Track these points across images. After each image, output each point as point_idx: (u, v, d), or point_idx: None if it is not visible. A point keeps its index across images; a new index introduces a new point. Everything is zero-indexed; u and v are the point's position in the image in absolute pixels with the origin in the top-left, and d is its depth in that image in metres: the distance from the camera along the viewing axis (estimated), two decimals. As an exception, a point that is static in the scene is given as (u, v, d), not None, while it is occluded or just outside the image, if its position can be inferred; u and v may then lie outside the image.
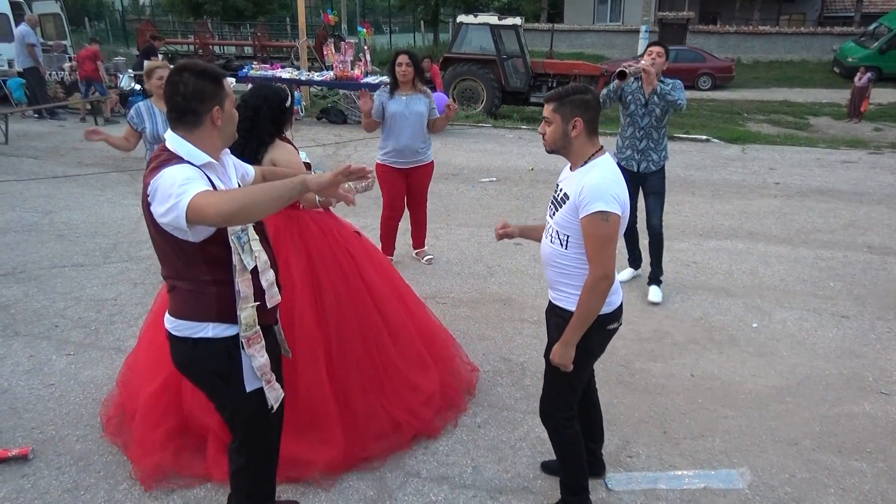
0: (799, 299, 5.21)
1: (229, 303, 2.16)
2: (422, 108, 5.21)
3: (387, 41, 32.43)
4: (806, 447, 3.39)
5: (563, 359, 2.57)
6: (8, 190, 7.89)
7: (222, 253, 2.11)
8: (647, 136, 4.91)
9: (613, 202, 2.42)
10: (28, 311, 4.75)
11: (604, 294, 2.48)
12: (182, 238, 2.03)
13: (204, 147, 2.10)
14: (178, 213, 1.90)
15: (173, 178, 1.94)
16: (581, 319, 2.50)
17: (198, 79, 2.07)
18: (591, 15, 31.70)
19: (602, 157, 2.55)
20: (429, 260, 5.81)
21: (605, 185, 2.43)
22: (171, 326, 2.21)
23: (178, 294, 2.18)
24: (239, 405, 2.30)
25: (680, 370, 4.13)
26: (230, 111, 2.16)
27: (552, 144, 2.58)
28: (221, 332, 2.17)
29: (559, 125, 2.52)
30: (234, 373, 2.22)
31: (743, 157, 10.69)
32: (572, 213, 2.49)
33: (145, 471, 2.99)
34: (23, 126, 11.94)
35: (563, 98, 2.51)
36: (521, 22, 14.78)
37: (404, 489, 3.03)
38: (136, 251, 5.99)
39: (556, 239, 2.60)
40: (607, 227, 2.41)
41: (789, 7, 32.40)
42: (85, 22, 32.58)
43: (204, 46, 18.78)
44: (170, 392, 3.09)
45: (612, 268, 2.47)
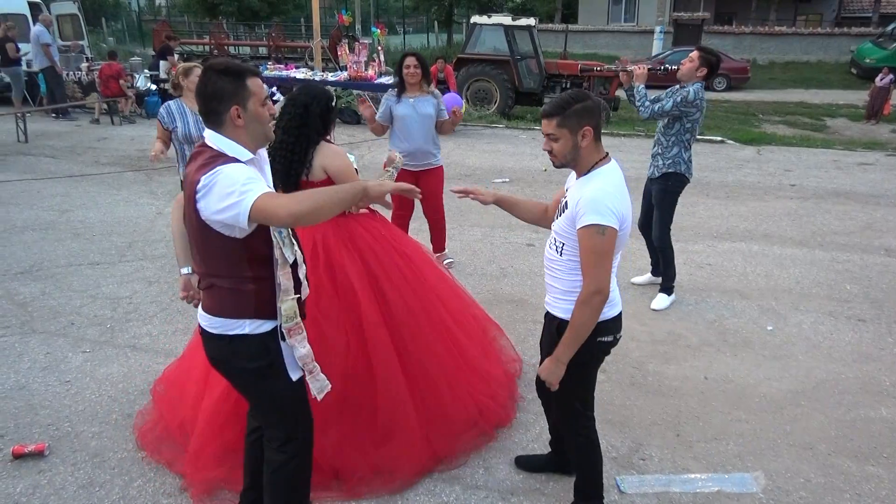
0: (815, 302, 5.16)
1: (266, 299, 2.17)
2: (430, 109, 5.17)
3: (400, 42, 32.47)
4: (821, 452, 3.36)
5: (550, 376, 2.50)
6: (26, 188, 7.98)
7: (264, 248, 2.14)
8: (657, 141, 4.84)
9: (610, 215, 2.32)
10: (45, 309, 4.80)
11: (597, 309, 2.39)
12: (228, 234, 2.05)
13: (241, 143, 2.12)
14: (239, 211, 1.93)
15: (235, 178, 1.97)
16: (573, 335, 2.42)
17: (218, 78, 2.08)
18: (605, 15, 31.57)
19: (606, 166, 2.46)
20: (449, 264, 5.77)
21: (602, 197, 2.34)
22: (206, 324, 2.22)
23: (216, 292, 2.18)
24: (280, 399, 2.30)
25: (693, 373, 4.11)
26: (255, 111, 2.12)
27: (562, 159, 2.47)
28: (257, 329, 2.19)
29: (568, 139, 2.41)
30: (274, 364, 2.23)
31: (758, 158, 10.61)
32: (569, 222, 2.44)
33: (196, 487, 2.93)
34: (41, 125, 12.08)
35: (565, 110, 2.39)
36: (535, 23, 14.74)
37: (416, 489, 3.03)
38: (151, 250, 6.04)
39: (554, 245, 2.57)
40: (603, 242, 2.33)
41: (806, 7, 32.13)
42: (102, 22, 32.86)
43: (219, 47, 18.89)
44: (228, 405, 3.02)
45: (607, 283, 2.38)
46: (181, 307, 4.81)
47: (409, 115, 5.12)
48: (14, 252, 5.89)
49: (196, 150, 2.14)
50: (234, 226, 2.02)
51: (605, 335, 2.53)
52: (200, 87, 2.10)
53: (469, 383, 3.32)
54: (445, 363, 3.25)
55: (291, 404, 2.34)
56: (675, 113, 4.58)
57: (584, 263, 2.39)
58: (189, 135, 4.70)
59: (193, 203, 2.02)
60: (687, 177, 4.80)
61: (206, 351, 2.29)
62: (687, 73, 4.58)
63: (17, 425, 3.44)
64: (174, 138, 4.77)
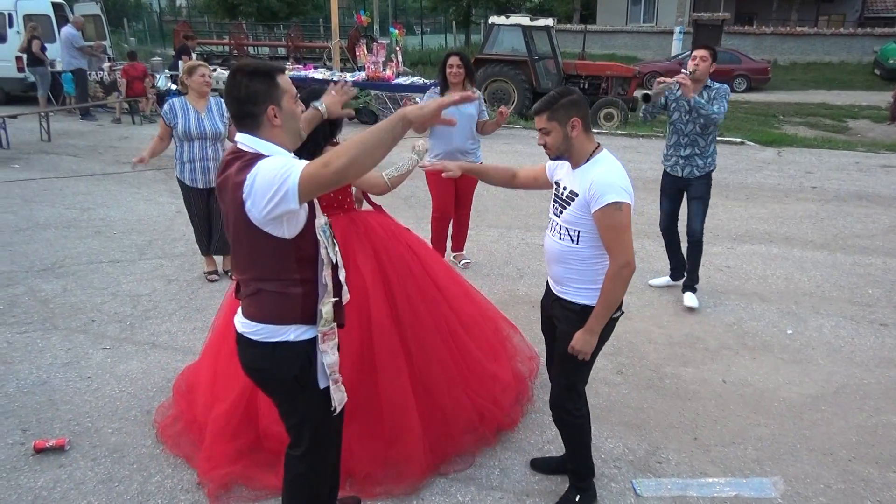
0: (836, 306, 5.10)
1: (312, 303, 2.16)
2: (472, 110, 5.16)
3: (418, 42, 32.54)
4: (842, 457, 3.32)
5: (585, 346, 2.64)
6: (49, 187, 8.09)
7: (311, 248, 2.13)
8: (692, 143, 4.78)
9: (623, 193, 2.50)
10: (66, 306, 4.86)
11: (625, 281, 2.56)
12: (277, 235, 2.04)
13: (279, 143, 2.11)
14: (287, 194, 1.91)
15: (273, 167, 1.95)
16: (605, 307, 2.58)
17: (250, 80, 2.06)
18: (624, 16, 31.39)
19: (602, 154, 2.64)
20: (465, 264, 5.78)
21: (612, 178, 2.52)
22: (249, 331, 2.18)
23: (263, 297, 2.15)
24: (311, 408, 2.27)
25: (712, 376, 4.07)
26: (289, 108, 2.11)
27: (556, 151, 2.64)
28: (301, 335, 2.16)
29: (558, 130, 2.59)
30: (311, 374, 2.21)
31: (779, 160, 10.50)
32: (582, 209, 2.58)
33: (213, 483, 2.94)
34: (63, 124, 12.25)
35: (553, 105, 2.58)
36: (553, 23, 14.69)
37: (431, 488, 3.03)
38: (170, 248, 6.10)
39: (567, 236, 2.67)
40: (621, 216, 2.50)
41: (828, 7, 31.72)
42: (124, 23, 33.24)
43: (238, 47, 19.01)
44: (244, 407, 3.05)
45: (632, 255, 2.55)
46: (200, 305, 4.85)
47: (451, 114, 5.10)
48: (37, 249, 5.97)
49: (228, 156, 2.11)
50: (282, 220, 2.00)
51: (617, 311, 2.69)
52: (232, 92, 2.07)
53: (470, 387, 3.29)
54: (447, 366, 3.24)
55: (322, 414, 2.31)
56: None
57: (607, 242, 2.55)
58: (188, 131, 4.84)
59: (241, 207, 1.99)
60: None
61: (244, 359, 2.25)
62: (705, 73, 4.63)
63: (39, 420, 3.49)
64: (175, 134, 4.91)
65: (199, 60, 5.11)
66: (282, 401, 2.31)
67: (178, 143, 4.93)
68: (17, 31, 13.76)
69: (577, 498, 2.93)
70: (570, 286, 2.70)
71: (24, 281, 5.27)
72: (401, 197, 7.71)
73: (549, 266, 2.83)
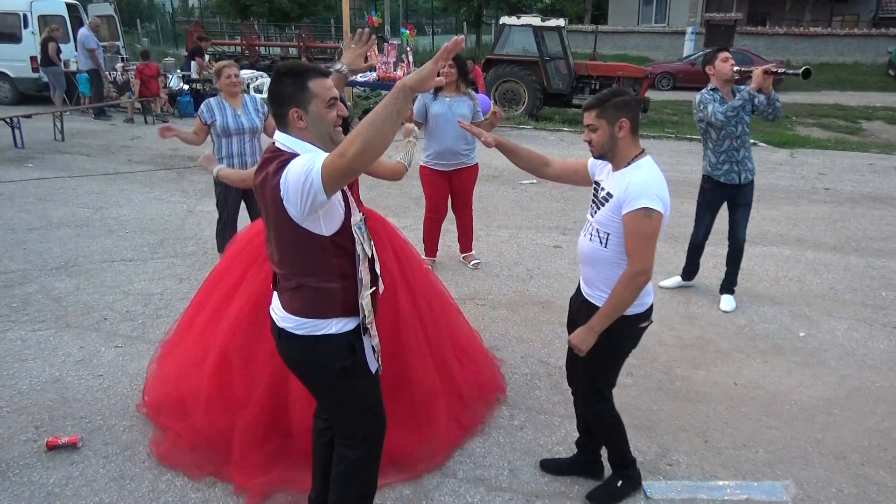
0: (849, 309, 5.06)
1: (351, 296, 2.21)
2: (465, 110, 5.18)
3: (429, 42, 32.53)
4: (854, 461, 3.29)
5: (582, 343, 2.64)
6: (62, 186, 8.16)
7: (348, 244, 2.18)
8: (742, 144, 4.66)
9: (657, 201, 2.47)
10: (79, 304, 4.90)
11: (638, 289, 2.54)
12: (316, 232, 2.09)
13: (310, 142, 2.14)
14: (313, 186, 1.95)
15: (299, 166, 1.99)
16: (611, 309, 2.57)
17: (279, 81, 2.11)
18: (635, 16, 31.26)
19: (645, 159, 2.62)
20: (475, 264, 5.77)
21: (650, 183, 2.50)
22: (291, 325, 2.22)
23: (304, 292, 2.19)
24: (361, 394, 2.33)
25: (723, 378, 4.05)
26: (317, 112, 2.11)
27: (601, 149, 2.62)
28: (343, 328, 2.22)
29: (606, 129, 2.57)
30: (358, 362, 2.27)
31: (791, 161, 10.43)
32: (615, 211, 2.55)
33: (251, 492, 2.94)
34: (77, 124, 12.35)
35: (604, 103, 2.57)
36: (564, 24, 14.66)
37: (440, 489, 3.04)
38: (182, 247, 6.13)
39: (597, 237, 2.66)
40: (649, 224, 2.47)
41: (842, 8, 31.48)
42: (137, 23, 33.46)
43: (250, 47, 19.11)
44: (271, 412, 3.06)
45: (650, 265, 2.52)
46: (211, 304, 4.88)
47: (444, 115, 5.13)
48: (50, 248, 6.02)
49: (267, 155, 2.15)
50: (318, 216, 2.05)
51: (644, 321, 2.70)
52: (269, 90, 2.15)
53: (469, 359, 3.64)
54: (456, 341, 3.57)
55: (372, 400, 2.38)
56: None
57: (629, 245, 2.52)
58: (227, 127, 4.85)
59: (280, 206, 2.04)
60: None
61: (286, 353, 2.31)
62: (731, 74, 4.56)
63: (52, 417, 3.52)
64: (213, 133, 4.91)
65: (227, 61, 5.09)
66: (328, 393, 2.36)
67: (215, 141, 4.92)
68: (32, 32, 13.89)
69: (618, 483, 2.99)
70: (598, 288, 2.69)
71: (37, 279, 5.32)
72: (411, 197, 7.72)
73: (580, 266, 2.84)
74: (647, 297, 2.66)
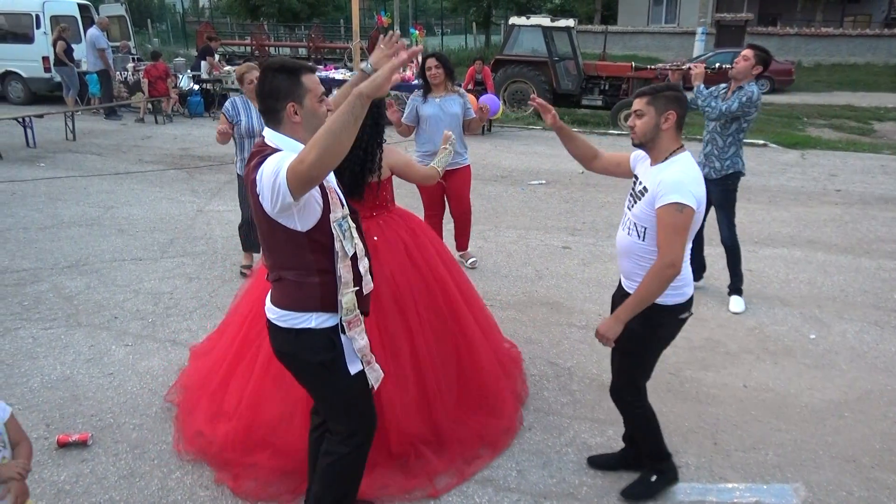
0: (860, 311, 5.02)
1: (331, 292, 2.23)
2: (457, 109, 5.19)
3: (438, 43, 32.57)
4: (864, 464, 3.27)
5: (609, 331, 2.66)
6: (73, 185, 8.22)
7: (326, 241, 2.19)
8: (711, 140, 4.75)
9: (690, 197, 2.50)
10: (90, 303, 4.93)
11: (666, 281, 2.55)
12: (291, 227, 2.12)
13: (300, 140, 2.17)
14: (281, 188, 1.98)
15: (271, 166, 2.02)
16: (638, 300, 2.59)
17: (273, 76, 2.14)
18: (645, 16, 31.18)
19: (683, 154, 2.63)
20: (472, 263, 5.77)
21: (684, 179, 2.52)
22: (274, 317, 2.28)
23: (284, 285, 2.25)
24: (344, 391, 2.35)
25: (732, 380, 4.03)
26: (311, 107, 2.17)
27: (642, 136, 2.64)
28: (323, 323, 2.24)
29: (652, 117, 2.59)
30: (337, 359, 2.28)
31: (802, 162, 10.37)
32: (650, 205, 2.59)
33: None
34: (88, 124, 12.43)
35: (657, 92, 2.61)
36: (573, 24, 14.62)
37: (449, 492, 3.03)
38: (191, 247, 6.16)
39: (634, 230, 2.69)
40: (680, 218, 2.50)
41: (854, 8, 31.27)
42: (147, 24, 33.63)
43: (260, 48, 19.16)
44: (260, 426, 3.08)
45: (680, 258, 2.54)
46: (220, 303, 4.90)
47: (436, 115, 5.14)
48: (61, 247, 6.07)
49: (254, 149, 2.20)
50: (291, 213, 2.08)
51: (685, 312, 2.74)
52: (259, 86, 2.17)
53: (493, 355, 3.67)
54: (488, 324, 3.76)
55: (355, 398, 2.39)
56: (738, 113, 4.54)
57: (660, 239, 2.55)
58: (252, 129, 4.87)
59: (257, 200, 2.10)
60: (743, 172, 4.85)
61: (274, 344, 2.36)
62: (743, 72, 4.54)
63: (62, 415, 3.55)
64: (236, 132, 4.92)
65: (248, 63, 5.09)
66: (311, 385, 2.41)
67: (237, 141, 4.96)
68: (45, 33, 13.99)
69: (653, 478, 3.00)
70: (636, 281, 2.71)
71: (48, 278, 5.36)
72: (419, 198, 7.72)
73: (619, 259, 2.86)
74: (686, 288, 2.70)
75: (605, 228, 6.87)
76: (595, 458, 3.23)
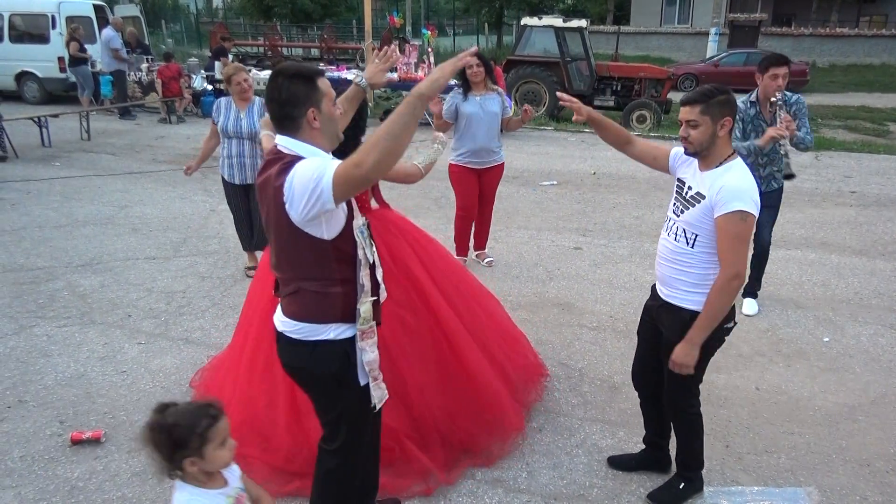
0: (874, 314, 4.97)
1: (351, 302, 2.18)
2: (496, 107, 5.21)
3: (450, 43, 32.56)
4: (879, 469, 3.24)
5: (686, 358, 2.61)
6: (88, 184, 8.29)
7: (350, 248, 2.15)
8: (770, 161, 4.57)
9: (752, 204, 2.46)
10: (103, 301, 4.97)
11: (734, 293, 2.52)
12: (317, 236, 2.07)
13: (318, 145, 2.13)
14: (322, 194, 1.93)
15: (309, 169, 1.97)
16: (710, 319, 2.55)
17: (290, 83, 2.07)
18: (658, 17, 31.03)
19: (736, 161, 2.57)
20: (489, 262, 5.79)
21: (745, 186, 2.47)
22: (289, 330, 2.21)
23: (303, 296, 2.17)
24: (349, 404, 2.30)
25: (744, 383, 4.01)
26: (328, 111, 2.13)
27: (699, 146, 2.56)
28: (341, 334, 2.19)
29: (709, 126, 2.51)
30: (350, 372, 2.23)
31: (816, 164, 10.28)
32: (706, 212, 2.53)
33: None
34: (102, 124, 12.53)
35: (709, 99, 2.51)
36: (586, 24, 14.58)
37: (458, 490, 3.04)
38: (204, 246, 6.20)
39: (682, 237, 2.63)
40: (743, 227, 2.46)
41: (870, 8, 30.99)
42: (162, 24, 33.86)
43: (273, 48, 19.25)
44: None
45: (745, 268, 2.52)
46: (232, 302, 4.92)
47: (476, 113, 5.16)
48: (76, 245, 6.12)
49: (269, 157, 2.13)
50: (321, 221, 2.03)
51: (729, 322, 2.69)
52: (273, 94, 2.09)
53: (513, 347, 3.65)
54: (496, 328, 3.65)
55: (360, 412, 2.33)
56: None
57: (723, 249, 2.50)
58: (226, 129, 5.08)
59: (281, 209, 2.02)
60: None
61: (283, 358, 2.29)
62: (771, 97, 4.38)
63: (76, 412, 3.58)
64: (220, 134, 5.10)
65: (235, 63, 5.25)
66: (319, 397, 2.35)
67: (221, 140, 5.12)
68: (60, 33, 14.11)
69: (681, 485, 2.97)
70: (679, 289, 2.67)
71: (63, 276, 5.41)
72: (431, 198, 7.74)
73: (659, 265, 2.79)
74: None
75: (616, 229, 6.84)
76: (615, 458, 3.22)
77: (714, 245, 2.53)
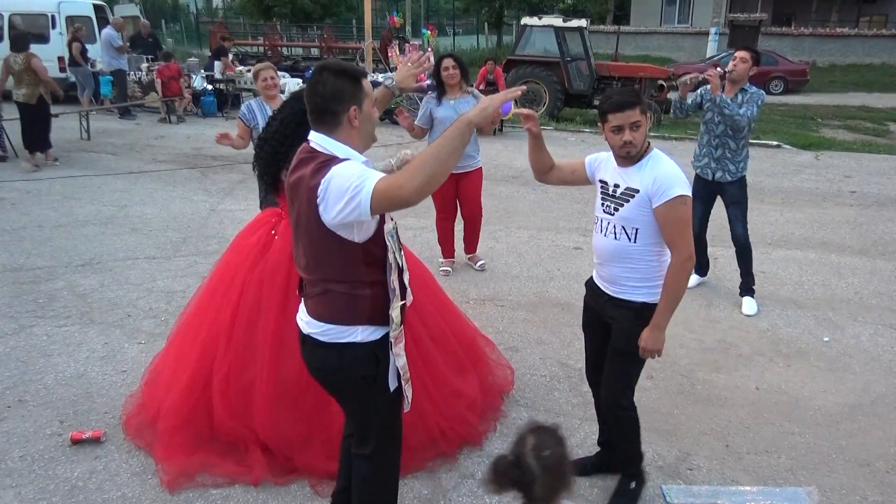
0: (874, 313, 4.97)
1: (381, 304, 2.16)
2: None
3: (450, 43, 32.56)
4: (879, 469, 3.24)
5: (657, 343, 2.65)
6: (87, 184, 8.28)
7: (380, 252, 2.13)
8: (722, 144, 4.74)
9: (687, 187, 2.55)
10: (103, 301, 4.97)
11: (689, 274, 2.59)
12: (347, 238, 2.05)
13: (354, 146, 2.10)
14: (359, 205, 1.92)
15: (348, 175, 1.95)
16: (672, 302, 2.60)
17: (336, 78, 2.05)
18: (658, 16, 31.00)
19: (656, 150, 2.65)
20: (481, 266, 5.75)
21: (676, 171, 2.56)
22: (317, 331, 2.19)
23: (331, 297, 2.15)
24: (380, 408, 2.28)
25: (744, 382, 4.01)
26: (369, 112, 2.12)
27: (640, 146, 2.60)
28: (369, 336, 2.17)
29: (645, 124, 2.58)
30: (381, 374, 2.22)
31: (816, 164, 10.29)
32: (643, 205, 2.57)
33: (170, 471, 3.03)
34: (102, 124, 12.52)
35: (640, 97, 2.61)
36: (586, 24, 14.58)
37: (459, 490, 3.04)
38: (204, 245, 6.20)
39: (623, 233, 2.66)
40: (686, 210, 2.55)
41: (870, 8, 30.95)
42: (161, 24, 33.85)
43: (273, 48, 19.24)
44: (195, 394, 3.13)
45: (693, 249, 2.57)
46: (232, 302, 4.91)
47: (450, 117, 5.12)
48: (76, 245, 6.12)
49: (302, 154, 2.11)
50: (352, 226, 2.01)
51: None
52: (317, 88, 2.06)
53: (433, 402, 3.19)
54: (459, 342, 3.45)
55: (391, 415, 2.32)
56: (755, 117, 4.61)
57: (671, 234, 2.57)
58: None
59: (314, 209, 2.00)
60: None
61: (310, 361, 2.27)
62: (743, 74, 4.57)
63: (76, 412, 3.57)
64: (254, 135, 4.91)
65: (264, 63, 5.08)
66: (349, 400, 2.33)
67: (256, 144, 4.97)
68: (60, 33, 14.10)
69: (631, 485, 2.98)
70: (627, 285, 2.70)
71: (63, 276, 5.41)
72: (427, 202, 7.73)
73: (601, 266, 2.80)
74: None
75: (616, 229, 6.84)
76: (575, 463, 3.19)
77: (655, 236, 2.60)
